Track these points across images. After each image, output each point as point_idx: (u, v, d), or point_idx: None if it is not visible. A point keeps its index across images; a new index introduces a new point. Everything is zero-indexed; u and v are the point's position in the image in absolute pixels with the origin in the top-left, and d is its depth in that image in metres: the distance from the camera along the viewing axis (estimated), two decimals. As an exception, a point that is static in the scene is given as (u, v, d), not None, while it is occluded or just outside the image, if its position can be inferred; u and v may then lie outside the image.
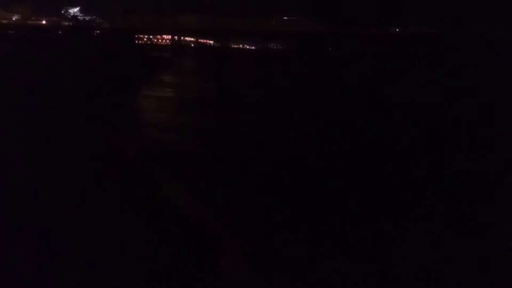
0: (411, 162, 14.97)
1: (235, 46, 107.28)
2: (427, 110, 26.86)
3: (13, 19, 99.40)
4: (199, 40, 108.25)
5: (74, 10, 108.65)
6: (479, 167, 14.55)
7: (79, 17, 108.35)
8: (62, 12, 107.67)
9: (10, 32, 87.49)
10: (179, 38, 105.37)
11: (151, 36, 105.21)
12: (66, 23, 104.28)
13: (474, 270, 7.94)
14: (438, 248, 8.67)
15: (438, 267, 7.99)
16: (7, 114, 18.29)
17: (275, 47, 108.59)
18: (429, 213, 10.40)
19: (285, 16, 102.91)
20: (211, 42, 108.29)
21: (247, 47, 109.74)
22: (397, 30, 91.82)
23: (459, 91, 35.52)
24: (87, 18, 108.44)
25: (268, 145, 17.22)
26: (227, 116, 24.33)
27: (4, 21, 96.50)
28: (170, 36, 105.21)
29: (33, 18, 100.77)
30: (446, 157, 15.91)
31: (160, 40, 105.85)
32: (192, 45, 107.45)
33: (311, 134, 19.75)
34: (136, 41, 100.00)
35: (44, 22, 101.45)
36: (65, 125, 18.66)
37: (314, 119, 23.63)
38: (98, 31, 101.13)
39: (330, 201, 10.94)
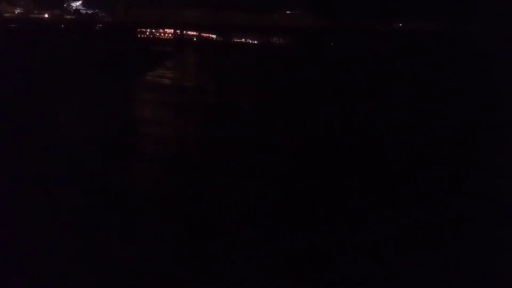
0: (412, 162, 14.95)
1: (238, 40, 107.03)
2: (429, 107, 26.83)
3: (16, 12, 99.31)
4: (202, 34, 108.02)
5: (77, 4, 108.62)
6: (480, 167, 14.54)
7: (81, 11, 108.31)
8: (65, 5, 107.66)
9: (13, 25, 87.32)
10: (181, 32, 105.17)
11: (153, 30, 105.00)
12: (69, 17, 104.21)
13: (475, 271, 7.97)
14: (438, 248, 8.70)
15: (438, 267, 8.02)
16: (9, 108, 18.33)
17: (277, 42, 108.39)
18: (430, 213, 10.41)
19: (288, 11, 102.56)
20: (214, 36, 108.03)
21: (250, 41, 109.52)
22: (400, 25, 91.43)
23: (461, 89, 35.43)
24: (90, 12, 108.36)
25: (268, 140, 17.21)
26: (228, 111, 24.30)
27: (7, 15, 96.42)
28: (172, 30, 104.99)
29: (35, 11, 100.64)
30: (446, 156, 15.88)
31: (162, 34, 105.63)
32: (195, 39, 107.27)
33: (313, 129, 19.75)
34: (139, 35, 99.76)
35: (46, 15, 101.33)
36: (66, 117, 18.76)
37: (316, 115, 23.61)
38: (101, 25, 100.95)
39: (331, 201, 10.94)
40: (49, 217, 8.90)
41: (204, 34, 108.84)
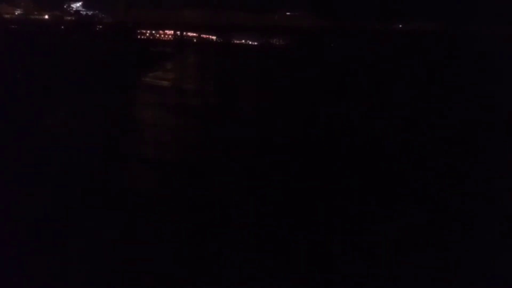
0: (412, 162, 14.94)
1: (238, 41, 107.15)
2: (429, 106, 26.83)
3: (16, 13, 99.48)
4: (202, 35, 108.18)
5: (77, 5, 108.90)
6: (480, 167, 14.53)
7: (81, 12, 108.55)
8: (65, 6, 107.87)
9: (13, 26, 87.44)
10: (181, 33, 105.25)
11: (153, 31, 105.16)
12: (69, 18, 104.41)
13: (475, 271, 7.97)
14: (438, 248, 8.70)
15: (438, 267, 8.02)
16: (9, 108, 18.36)
17: (277, 42, 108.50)
18: (430, 214, 10.42)
19: (288, 11, 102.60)
20: (214, 37, 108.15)
21: (250, 42, 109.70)
22: (400, 26, 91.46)
23: (461, 88, 35.43)
24: (90, 13, 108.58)
25: (268, 141, 17.21)
26: (229, 112, 24.30)
27: (7, 16, 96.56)
28: (172, 31, 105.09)
29: (35, 12, 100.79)
30: (446, 156, 15.88)
31: (162, 35, 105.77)
32: (195, 40, 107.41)
33: (313, 130, 19.75)
34: (139, 36, 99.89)
35: (46, 16, 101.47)
36: (65, 117, 18.77)
37: (317, 115, 23.61)
38: (101, 26, 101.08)
39: (331, 201, 10.94)
40: (49, 217, 8.91)
41: (204, 35, 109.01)
